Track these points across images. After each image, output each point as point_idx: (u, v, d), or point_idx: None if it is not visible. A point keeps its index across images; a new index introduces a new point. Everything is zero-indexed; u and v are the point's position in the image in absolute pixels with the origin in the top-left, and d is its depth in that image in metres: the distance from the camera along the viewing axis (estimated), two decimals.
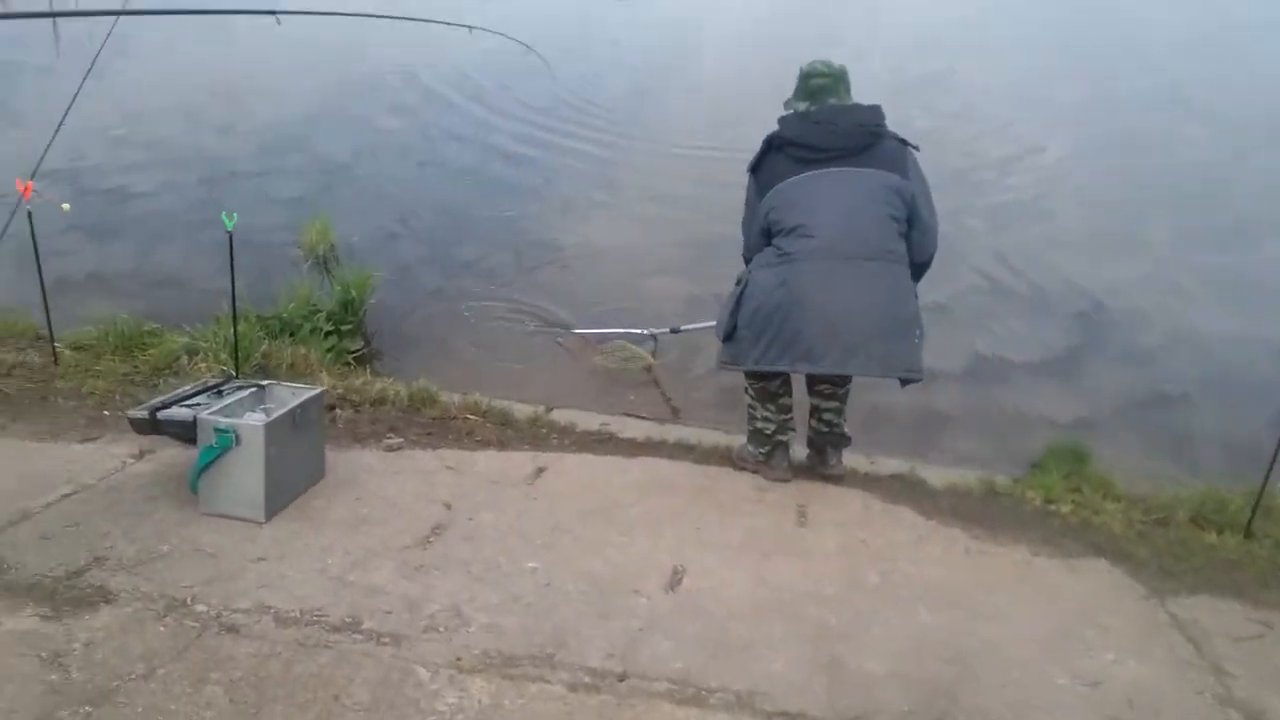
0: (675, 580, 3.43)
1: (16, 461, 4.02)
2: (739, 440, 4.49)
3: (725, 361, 4.23)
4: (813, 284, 3.84)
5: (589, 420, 4.85)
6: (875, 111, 4.03)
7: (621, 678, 2.86)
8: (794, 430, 4.37)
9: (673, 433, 4.79)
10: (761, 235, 4.09)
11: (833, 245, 3.84)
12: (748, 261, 4.21)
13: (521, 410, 4.87)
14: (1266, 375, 6.09)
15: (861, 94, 4.14)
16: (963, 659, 3.07)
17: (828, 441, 4.33)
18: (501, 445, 4.50)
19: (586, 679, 2.85)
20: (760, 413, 4.27)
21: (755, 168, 4.14)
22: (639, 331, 6.11)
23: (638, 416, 5.10)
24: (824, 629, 3.19)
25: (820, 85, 4.08)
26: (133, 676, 2.73)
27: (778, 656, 3.02)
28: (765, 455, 4.31)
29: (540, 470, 4.25)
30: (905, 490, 4.29)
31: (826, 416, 4.30)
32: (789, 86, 4.22)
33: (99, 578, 3.20)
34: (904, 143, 4.04)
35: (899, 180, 3.91)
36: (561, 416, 4.87)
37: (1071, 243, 7.83)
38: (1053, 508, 4.22)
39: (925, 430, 5.30)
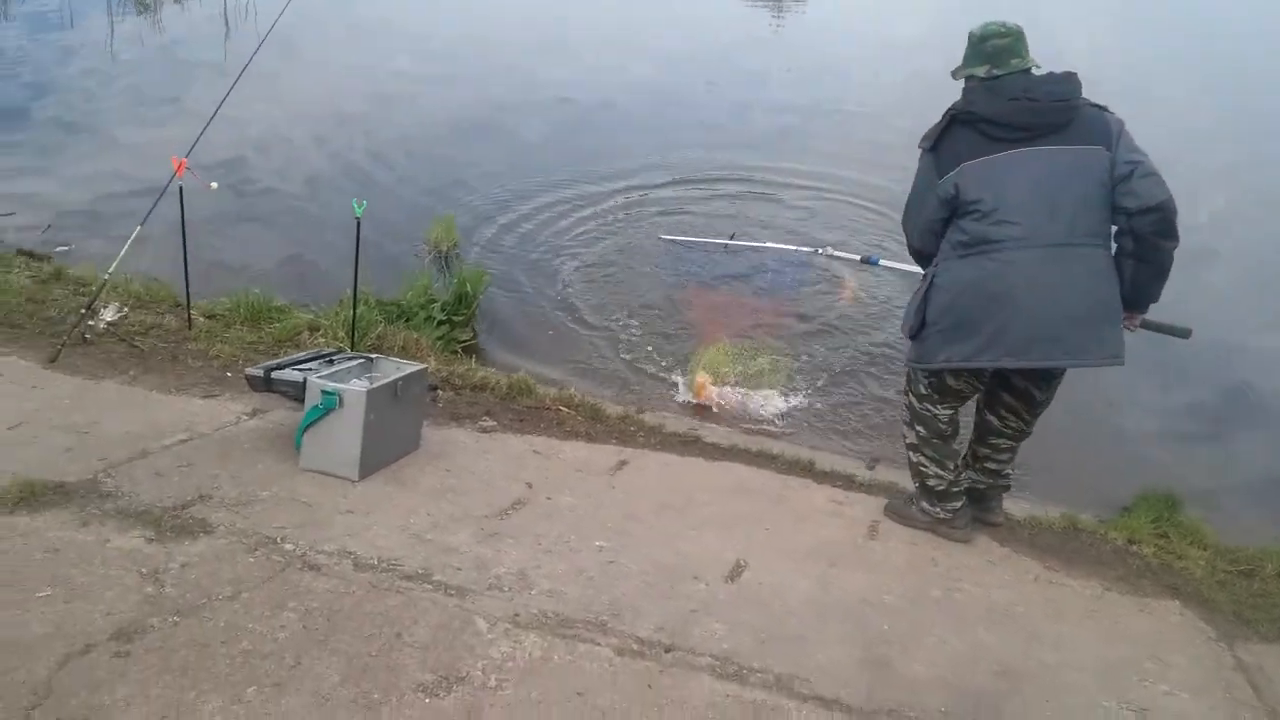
0: (736, 573, 3.52)
1: (142, 409, 4.36)
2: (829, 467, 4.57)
3: (911, 360, 3.90)
4: (1017, 276, 3.50)
5: (678, 423, 4.98)
6: (1073, 82, 3.58)
7: (668, 649, 2.97)
8: (967, 481, 4.11)
9: (758, 443, 4.86)
10: (941, 215, 3.69)
11: (1036, 233, 3.49)
12: (914, 253, 3.93)
13: (613, 408, 5.03)
14: None
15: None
16: (1012, 675, 3.07)
17: (995, 494, 4.15)
18: (589, 438, 4.66)
19: (634, 646, 2.97)
20: (933, 469, 3.93)
21: (936, 143, 3.70)
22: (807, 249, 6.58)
23: (726, 425, 5.19)
24: (877, 634, 3.23)
25: (1000, 46, 3.63)
26: (220, 597, 2.97)
27: (825, 651, 3.08)
28: (954, 513, 3.98)
29: (623, 463, 4.39)
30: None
31: (995, 467, 4.07)
32: None
33: (201, 512, 3.47)
34: (1102, 109, 3.61)
35: (1105, 155, 3.49)
36: (651, 418, 5.00)
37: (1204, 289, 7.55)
38: (1134, 548, 4.14)
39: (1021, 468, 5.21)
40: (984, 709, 2.88)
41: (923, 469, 3.97)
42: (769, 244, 7.27)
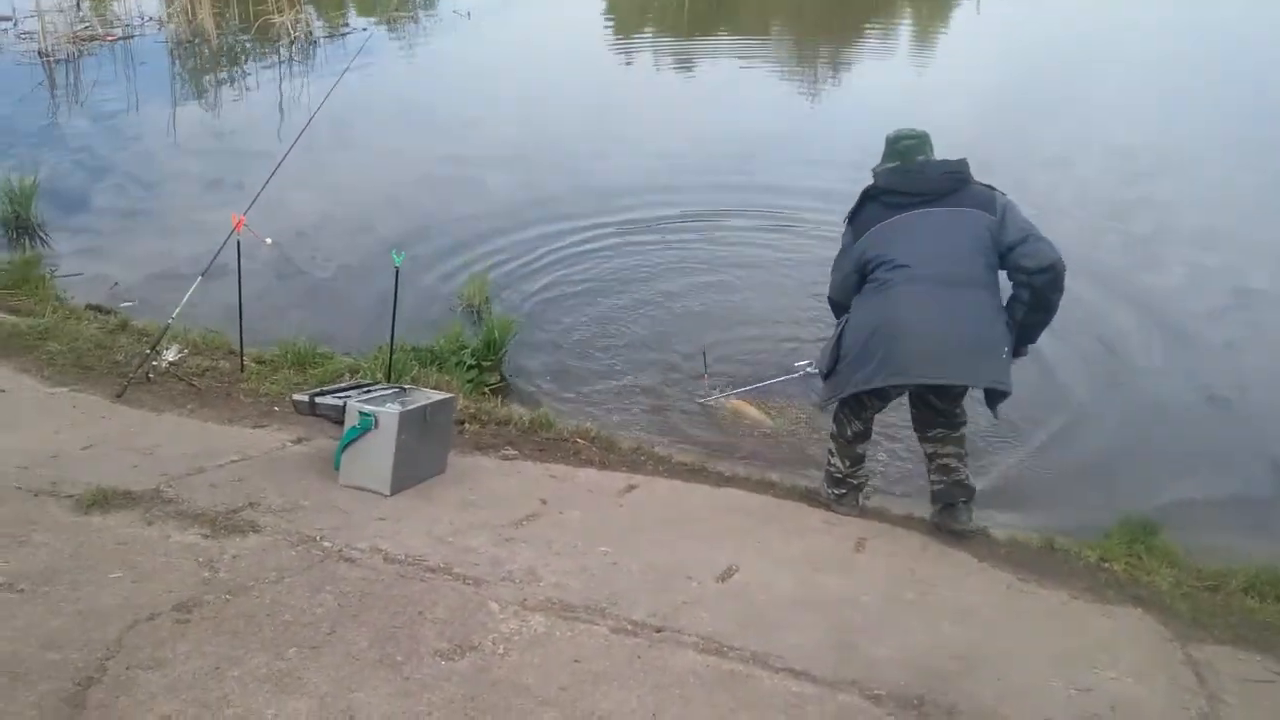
0: (727, 574, 3.89)
1: (199, 436, 4.85)
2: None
3: (825, 398, 4.67)
4: (905, 305, 4.19)
5: (686, 454, 5.38)
6: (961, 162, 4.40)
7: (658, 630, 3.35)
8: (867, 480, 4.85)
9: (761, 472, 5.25)
10: (855, 275, 4.44)
11: (924, 272, 4.19)
12: (831, 302, 4.69)
13: (627, 440, 5.45)
14: None
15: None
16: (969, 659, 3.40)
17: (954, 494, 4.56)
18: (603, 465, 5.08)
19: (628, 627, 3.36)
20: (835, 461, 4.72)
21: (853, 216, 4.52)
22: (797, 370, 6.59)
23: (735, 458, 5.58)
24: (848, 624, 3.58)
25: (908, 146, 4.45)
26: (266, 580, 3.41)
27: (799, 635, 3.43)
28: (839, 497, 4.74)
29: (631, 487, 4.79)
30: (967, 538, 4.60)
31: (943, 462, 4.55)
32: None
33: (250, 516, 3.92)
34: (990, 188, 4.37)
35: (987, 217, 4.24)
36: (662, 450, 5.41)
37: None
38: (1106, 565, 4.44)
39: (1007, 497, 5.52)
40: (938, 683, 3.22)
41: (830, 456, 4.78)
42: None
